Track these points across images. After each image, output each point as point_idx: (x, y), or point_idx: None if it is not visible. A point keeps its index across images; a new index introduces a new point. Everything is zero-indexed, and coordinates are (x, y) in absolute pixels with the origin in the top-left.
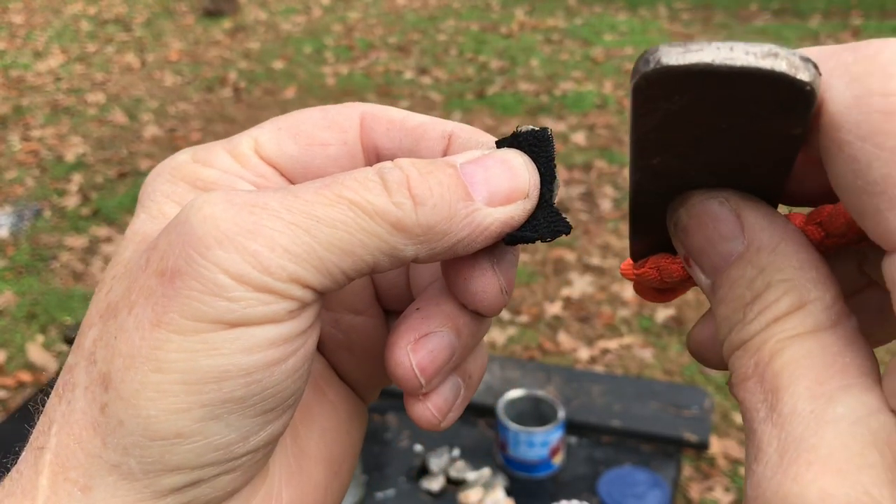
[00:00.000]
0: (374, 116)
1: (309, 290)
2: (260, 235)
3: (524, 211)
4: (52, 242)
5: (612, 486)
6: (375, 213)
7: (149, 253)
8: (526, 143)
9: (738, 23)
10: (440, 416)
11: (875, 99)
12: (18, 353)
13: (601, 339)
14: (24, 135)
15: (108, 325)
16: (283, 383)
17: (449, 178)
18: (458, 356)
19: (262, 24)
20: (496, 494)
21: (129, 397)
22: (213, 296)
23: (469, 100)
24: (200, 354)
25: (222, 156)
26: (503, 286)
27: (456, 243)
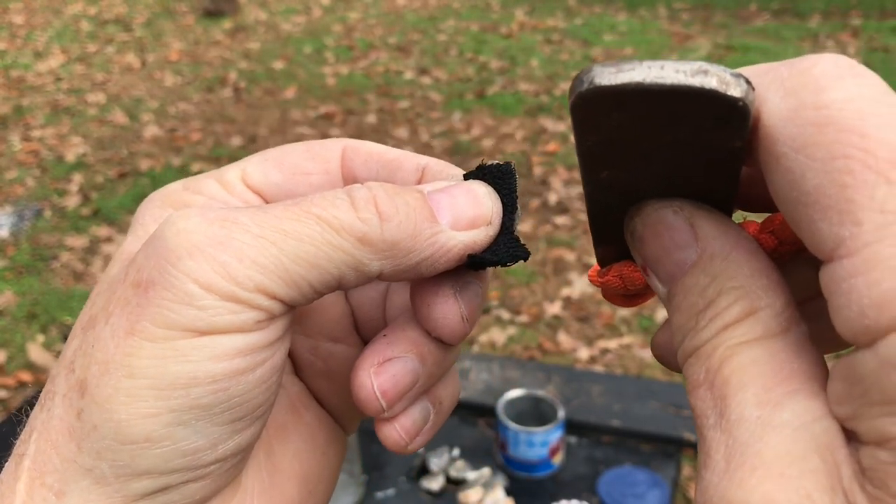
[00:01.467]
0: (354, 149)
1: (276, 302)
2: (229, 247)
3: (486, 236)
4: (52, 242)
5: (612, 486)
6: (342, 228)
7: (128, 267)
8: (491, 175)
9: (737, 23)
10: (408, 438)
11: (808, 111)
12: (19, 353)
13: (601, 338)
14: (25, 135)
15: (87, 335)
16: (251, 393)
17: (416, 200)
18: (423, 383)
19: (263, 25)
20: (496, 494)
21: (102, 402)
22: (182, 304)
23: (469, 100)
24: (170, 361)
25: (211, 184)
26: (465, 314)
27: (420, 262)
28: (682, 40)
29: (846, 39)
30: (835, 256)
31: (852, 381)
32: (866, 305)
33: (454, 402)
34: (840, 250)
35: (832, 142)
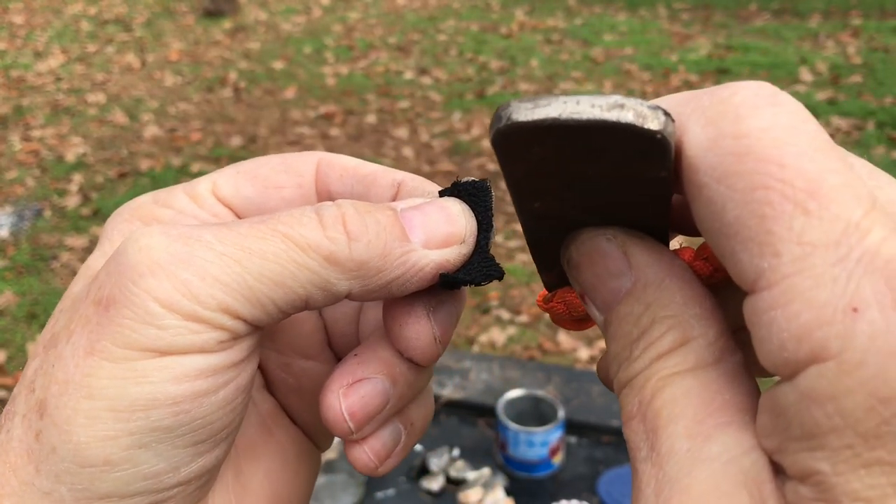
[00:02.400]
0: (329, 163)
1: (240, 322)
2: (192, 265)
3: (460, 255)
4: (52, 242)
5: (612, 486)
6: (308, 247)
7: (90, 284)
8: (466, 192)
9: (737, 23)
10: (377, 460)
11: (727, 141)
12: (18, 353)
13: (601, 339)
14: (25, 135)
15: (48, 354)
16: (214, 415)
17: (387, 218)
18: (394, 404)
19: (262, 25)
20: (496, 494)
21: (61, 423)
22: (143, 323)
23: (469, 100)
24: (129, 382)
25: (180, 197)
26: (437, 335)
27: (391, 281)
28: (682, 40)
29: (846, 39)
30: (756, 288)
31: (776, 414)
32: (785, 338)
33: (427, 423)
34: (760, 282)
35: (751, 172)
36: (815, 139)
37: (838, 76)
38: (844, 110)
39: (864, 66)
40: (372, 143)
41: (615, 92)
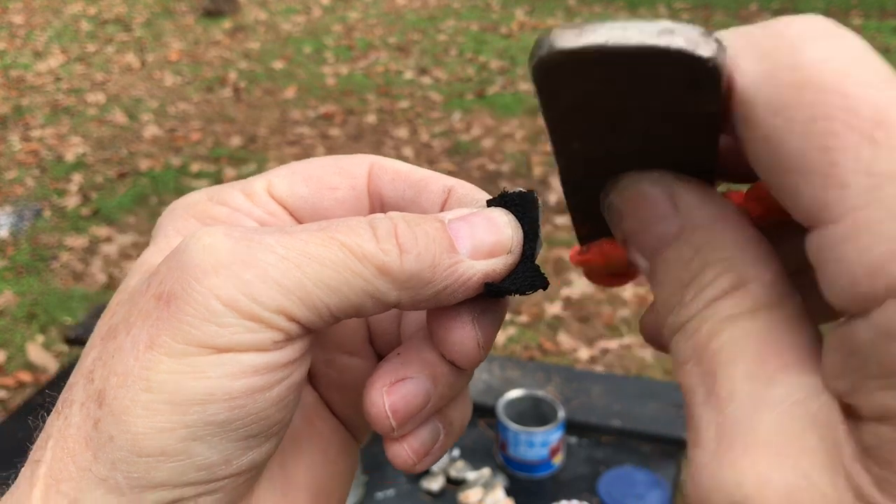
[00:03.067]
0: (381, 167)
1: (295, 324)
2: (254, 266)
3: (506, 265)
4: (52, 242)
5: (613, 486)
6: (364, 256)
7: (150, 278)
8: (513, 203)
9: (738, 23)
10: (416, 458)
11: (784, 73)
12: (18, 353)
13: (601, 339)
14: (24, 135)
15: (107, 345)
16: (267, 411)
17: (435, 230)
18: (434, 403)
19: (262, 24)
20: (496, 494)
21: (120, 413)
22: (203, 320)
23: (469, 100)
24: (188, 377)
25: (236, 195)
26: (480, 341)
27: (439, 292)
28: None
29: None
30: (821, 223)
31: (848, 354)
32: (859, 273)
33: (464, 424)
34: (827, 216)
35: (812, 103)
36: (879, 70)
37: None
38: None
39: None
40: (372, 143)
41: None
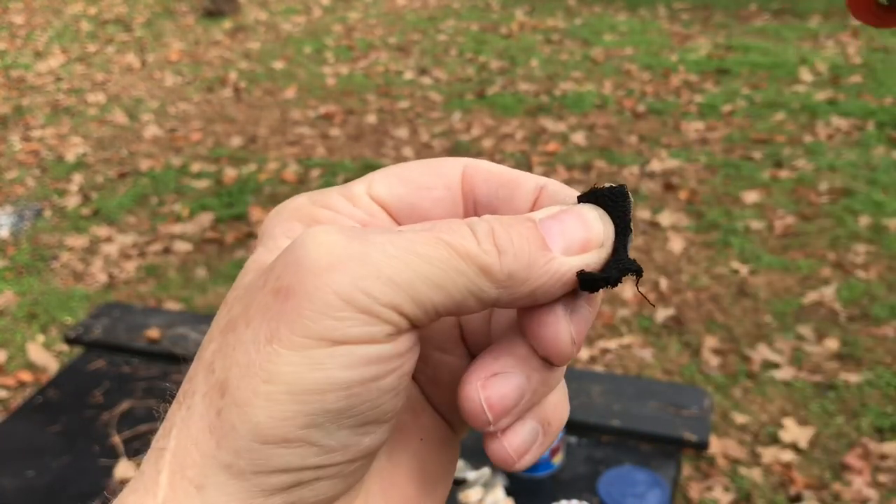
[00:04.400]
0: (475, 167)
1: (404, 318)
2: (368, 263)
3: (599, 258)
4: (52, 242)
5: (612, 486)
6: (468, 255)
7: (266, 275)
8: (603, 198)
9: (737, 23)
10: (516, 456)
11: None
12: (19, 353)
13: (601, 338)
14: (25, 135)
15: (227, 338)
16: (380, 399)
17: (528, 230)
18: (528, 399)
19: (263, 25)
20: (496, 494)
21: (242, 404)
22: (321, 314)
23: (469, 100)
24: (306, 368)
25: (337, 198)
26: (574, 336)
27: (535, 289)
28: (681, 40)
29: (846, 39)
30: None
31: None
32: None
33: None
34: None
35: None
36: None
37: (838, 76)
38: (844, 110)
39: (864, 67)
40: (372, 143)
41: (615, 91)
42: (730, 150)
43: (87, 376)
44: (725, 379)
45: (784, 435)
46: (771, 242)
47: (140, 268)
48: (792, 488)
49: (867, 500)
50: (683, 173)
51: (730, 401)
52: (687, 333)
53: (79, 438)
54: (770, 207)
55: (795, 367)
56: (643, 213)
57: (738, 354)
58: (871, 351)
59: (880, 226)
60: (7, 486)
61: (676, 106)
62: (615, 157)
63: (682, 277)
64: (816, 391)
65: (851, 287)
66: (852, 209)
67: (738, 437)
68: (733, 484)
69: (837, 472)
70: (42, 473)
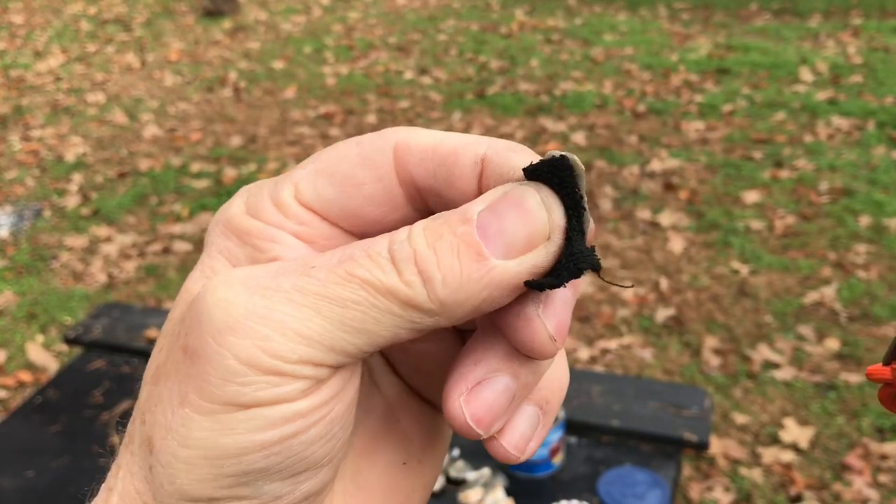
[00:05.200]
0: (406, 146)
1: (323, 368)
2: (271, 320)
3: (548, 255)
4: (52, 242)
5: (612, 486)
6: (387, 292)
7: (180, 324)
8: (546, 173)
9: (737, 22)
10: (517, 452)
11: None
12: (18, 353)
13: (601, 339)
14: (25, 135)
15: (153, 389)
16: (308, 450)
17: (461, 238)
18: (520, 395)
19: (262, 24)
20: (496, 494)
21: (165, 466)
22: (223, 380)
23: (469, 100)
24: (218, 434)
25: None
26: (552, 333)
27: (480, 304)
28: (682, 40)
29: (847, 39)
30: None
31: None
32: None
33: (562, 395)
34: None
35: None
36: None
37: (839, 76)
38: (845, 110)
39: (864, 66)
40: None
41: (615, 91)
42: (730, 150)
43: (87, 376)
44: (726, 379)
45: (784, 435)
46: (771, 242)
47: (140, 268)
48: (792, 488)
49: (868, 501)
50: (684, 173)
51: (730, 401)
52: (687, 333)
53: (78, 438)
54: (770, 207)
55: (796, 368)
56: (643, 213)
57: (738, 354)
58: (872, 351)
59: (881, 226)
60: (7, 486)
61: (677, 106)
62: (615, 156)
63: (682, 277)
64: (817, 391)
65: (852, 287)
66: (853, 209)
67: (738, 438)
68: (734, 484)
69: (838, 473)
70: (42, 473)
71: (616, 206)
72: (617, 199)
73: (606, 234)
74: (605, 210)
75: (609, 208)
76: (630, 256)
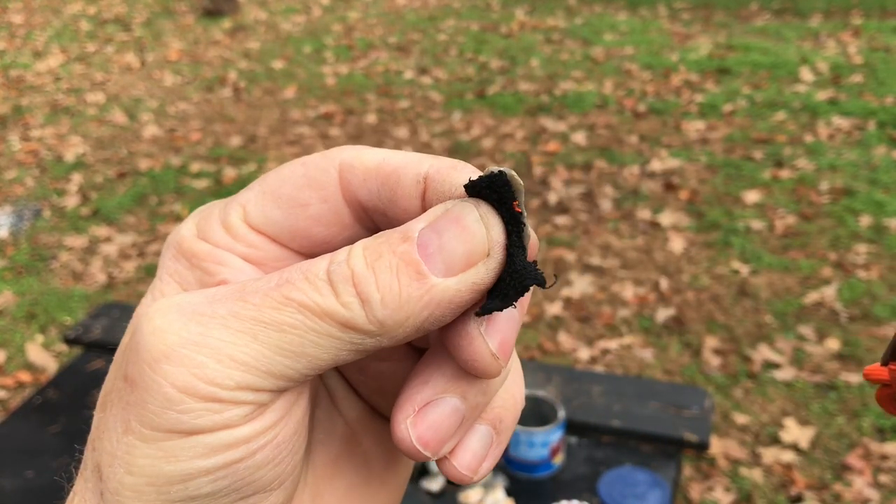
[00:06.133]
0: (350, 167)
1: (264, 393)
2: (205, 346)
3: (488, 272)
4: (51, 242)
5: (613, 487)
6: (324, 314)
7: (122, 354)
8: (486, 189)
9: (738, 22)
10: (470, 472)
11: None
12: (18, 353)
13: (601, 339)
14: (24, 135)
15: (101, 418)
16: (254, 475)
17: (400, 258)
18: (469, 416)
19: (262, 24)
20: (496, 494)
21: (114, 493)
22: (162, 408)
23: (469, 100)
24: (161, 461)
25: (217, 228)
26: (493, 351)
27: (421, 323)
28: (682, 40)
29: (847, 39)
30: None
31: None
32: None
33: (516, 412)
34: None
35: None
36: None
37: (839, 76)
38: (845, 110)
39: (864, 66)
40: (372, 143)
41: (616, 91)
42: (730, 150)
43: (87, 377)
44: (726, 379)
45: (785, 435)
46: (772, 242)
47: (139, 268)
48: (793, 489)
49: (868, 501)
50: (684, 173)
51: (730, 401)
52: (687, 334)
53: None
54: (771, 207)
55: (796, 368)
56: (644, 212)
57: (738, 355)
58: (873, 351)
59: (881, 226)
60: (6, 487)
61: (677, 105)
62: (615, 156)
63: (682, 277)
64: (817, 391)
65: (852, 287)
66: (853, 209)
67: (738, 438)
68: (734, 484)
69: (838, 473)
70: (41, 474)
71: (616, 206)
72: (617, 199)
73: (606, 234)
74: (605, 210)
75: (609, 208)
76: (630, 256)
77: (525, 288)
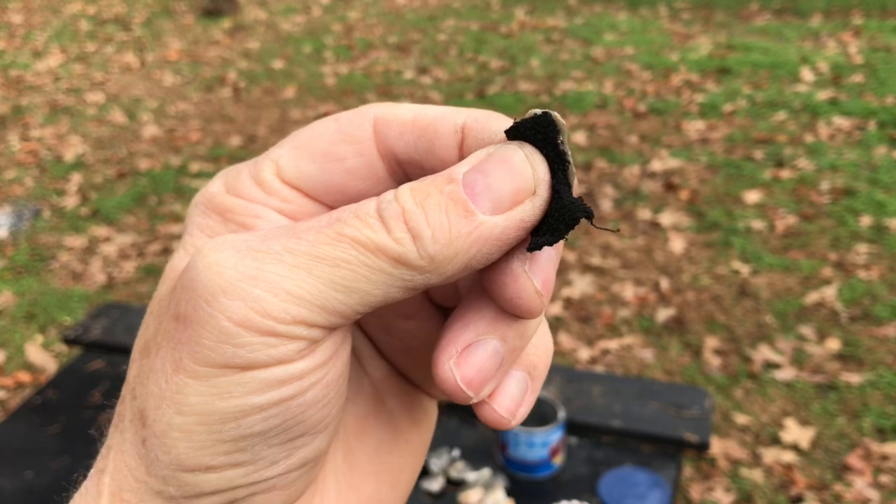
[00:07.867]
0: (385, 121)
1: (317, 329)
2: (262, 280)
3: (535, 209)
4: (51, 242)
5: (613, 487)
6: (377, 249)
7: (171, 295)
8: (529, 131)
9: (738, 22)
10: (509, 416)
11: None
12: (17, 354)
13: (601, 339)
14: (24, 135)
15: (143, 363)
16: (304, 414)
17: (448, 196)
18: (508, 359)
19: (262, 24)
20: (496, 495)
21: (160, 436)
22: (219, 342)
23: (469, 100)
24: (215, 398)
25: (249, 184)
26: (539, 289)
27: (469, 261)
28: (682, 40)
29: (847, 39)
30: None
31: None
32: None
33: (549, 360)
34: None
35: None
36: None
37: (840, 76)
38: (846, 110)
39: (865, 66)
40: None
41: (616, 91)
42: (731, 150)
43: (86, 377)
44: (726, 379)
45: (785, 435)
46: (772, 242)
47: (139, 268)
48: (793, 489)
49: (868, 501)
50: (684, 173)
51: (731, 401)
52: (688, 334)
53: (77, 439)
54: (771, 207)
55: (797, 368)
56: (644, 213)
57: (739, 355)
58: (873, 351)
59: (882, 226)
60: (6, 487)
61: (677, 105)
62: (616, 156)
63: (682, 278)
64: (818, 392)
65: (853, 287)
66: (854, 209)
67: (739, 438)
68: (734, 485)
69: (839, 473)
70: (41, 474)
71: (617, 206)
72: (617, 199)
73: (607, 234)
74: (606, 210)
75: (609, 208)
76: (630, 256)
77: (575, 221)
